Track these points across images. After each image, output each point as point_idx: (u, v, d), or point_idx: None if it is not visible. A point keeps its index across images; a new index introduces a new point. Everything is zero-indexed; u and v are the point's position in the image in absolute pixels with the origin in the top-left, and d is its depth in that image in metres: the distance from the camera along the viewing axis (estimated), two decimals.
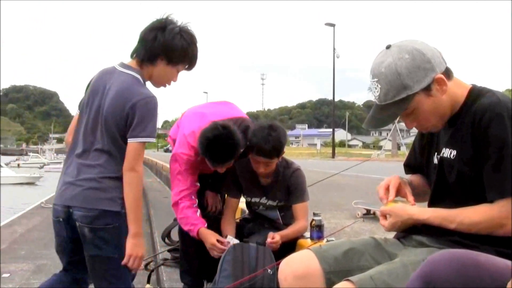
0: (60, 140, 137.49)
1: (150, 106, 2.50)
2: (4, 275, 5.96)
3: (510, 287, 1.35)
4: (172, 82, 2.73)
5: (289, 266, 2.10)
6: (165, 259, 5.17)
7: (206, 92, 75.81)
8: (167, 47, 2.59)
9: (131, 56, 2.66)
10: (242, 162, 3.56)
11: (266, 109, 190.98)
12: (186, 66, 2.73)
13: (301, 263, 2.07)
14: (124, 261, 2.53)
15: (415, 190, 2.16)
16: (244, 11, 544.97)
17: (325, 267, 2.02)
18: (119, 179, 2.51)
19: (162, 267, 5.03)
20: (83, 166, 2.55)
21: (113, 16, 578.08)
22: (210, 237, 3.41)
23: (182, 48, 2.63)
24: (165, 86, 2.75)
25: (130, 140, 2.49)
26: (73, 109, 2.99)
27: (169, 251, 5.28)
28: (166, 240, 5.88)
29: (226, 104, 3.88)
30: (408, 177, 2.29)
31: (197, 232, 3.47)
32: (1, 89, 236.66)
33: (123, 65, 2.63)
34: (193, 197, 3.54)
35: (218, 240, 3.38)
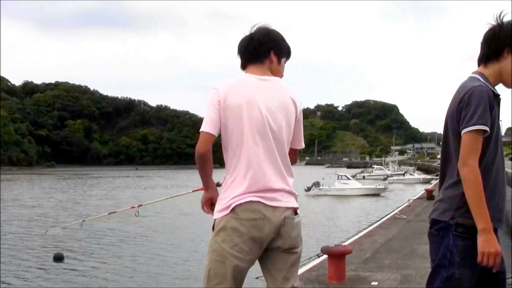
0: (401, 152, 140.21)
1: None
2: (373, 283, 6.28)
3: None
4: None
5: None
6: None
7: None
8: None
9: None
10: None
11: None
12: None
13: None
14: None
15: None
16: None
17: None
18: None
19: None
20: None
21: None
22: None
23: None
24: None
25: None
26: (413, 121, 2.95)
27: None
28: None
29: None
30: None
31: None
32: (344, 105, 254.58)
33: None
34: None
35: None
